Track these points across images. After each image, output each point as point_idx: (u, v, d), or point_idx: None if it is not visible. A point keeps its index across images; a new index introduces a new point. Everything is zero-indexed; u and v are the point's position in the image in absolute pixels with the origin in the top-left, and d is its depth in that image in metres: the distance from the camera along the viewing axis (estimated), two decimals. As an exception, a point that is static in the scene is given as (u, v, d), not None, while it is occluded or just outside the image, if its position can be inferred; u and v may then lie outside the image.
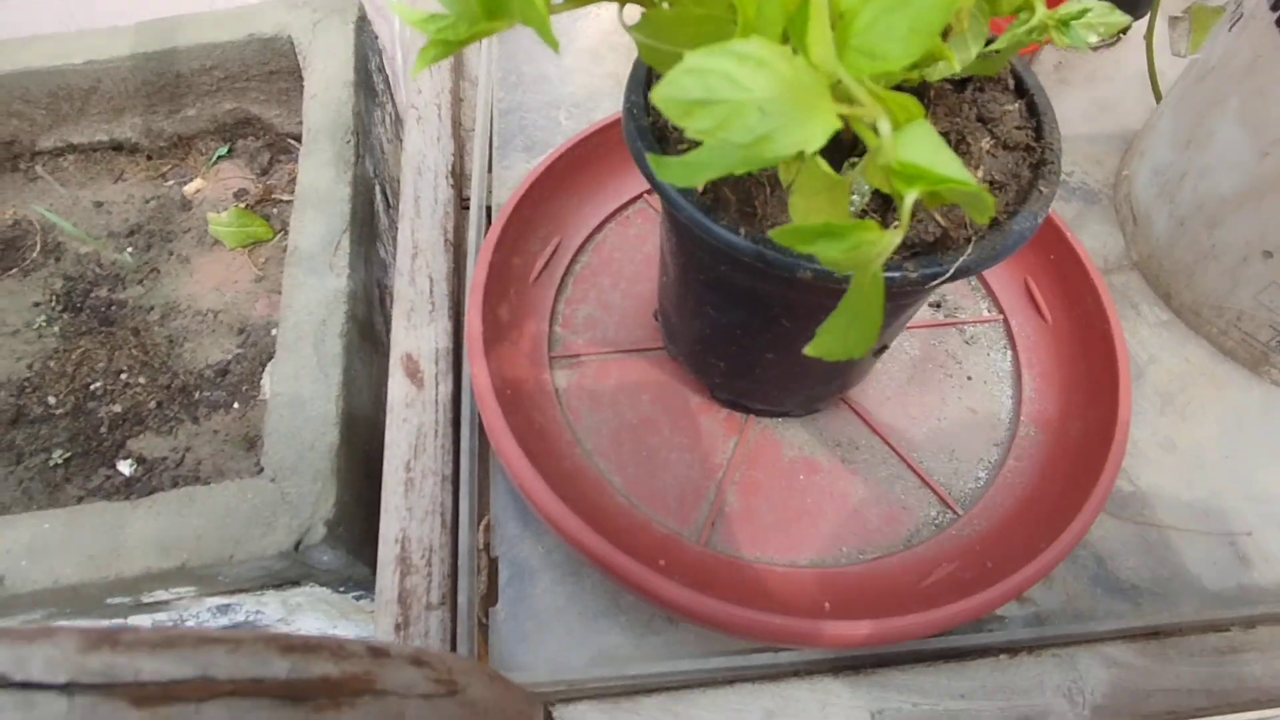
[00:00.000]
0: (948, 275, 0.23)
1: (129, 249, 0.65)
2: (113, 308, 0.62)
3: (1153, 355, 0.42)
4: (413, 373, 0.37)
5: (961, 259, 0.23)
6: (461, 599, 0.32)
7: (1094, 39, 0.22)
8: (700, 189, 0.25)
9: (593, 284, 0.41)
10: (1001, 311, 0.41)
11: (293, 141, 0.71)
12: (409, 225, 0.43)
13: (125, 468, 0.54)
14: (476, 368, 0.34)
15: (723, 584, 0.32)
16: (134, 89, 0.64)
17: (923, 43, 0.14)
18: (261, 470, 0.42)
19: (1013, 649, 0.31)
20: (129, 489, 0.54)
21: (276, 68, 0.66)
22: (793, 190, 0.17)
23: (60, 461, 0.54)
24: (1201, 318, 0.42)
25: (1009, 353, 0.40)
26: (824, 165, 0.16)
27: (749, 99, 0.13)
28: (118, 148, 0.69)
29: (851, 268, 0.16)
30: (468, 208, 0.46)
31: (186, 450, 0.55)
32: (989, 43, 0.24)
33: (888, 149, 0.14)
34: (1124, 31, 0.54)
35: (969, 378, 0.39)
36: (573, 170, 0.42)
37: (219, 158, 0.70)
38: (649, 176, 0.24)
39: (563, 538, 0.30)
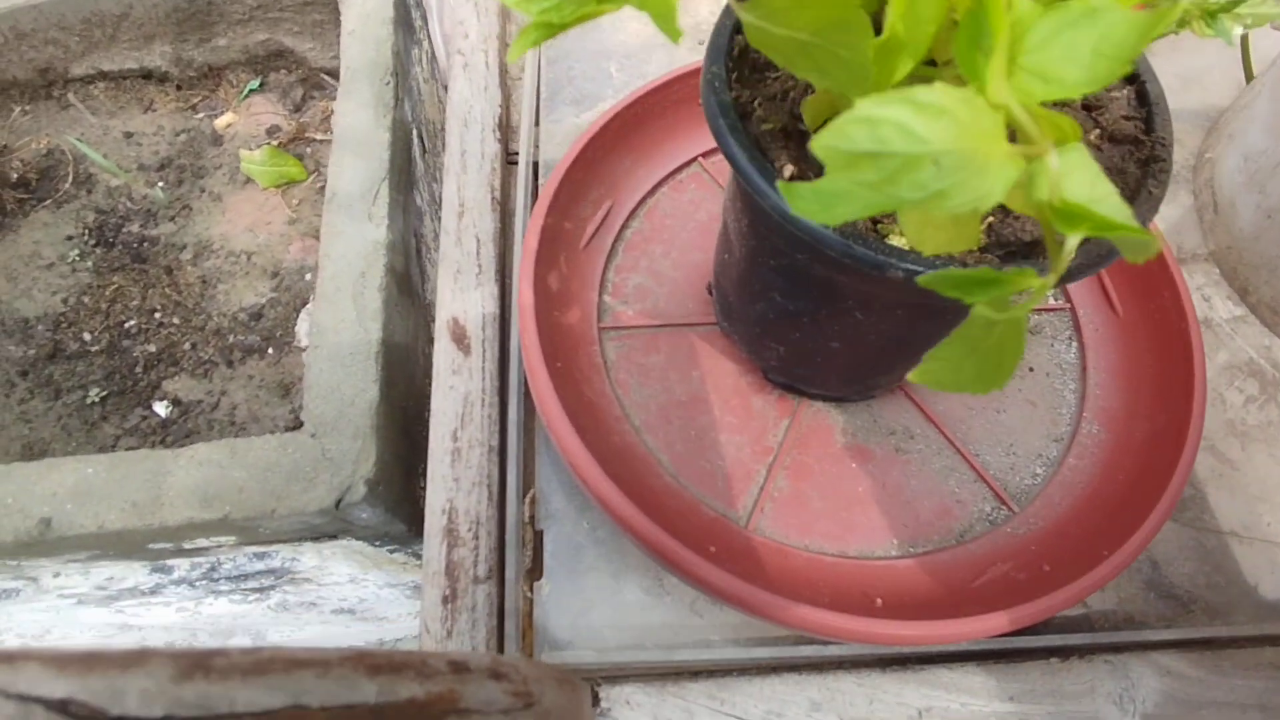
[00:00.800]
0: (1050, 284, 0.22)
1: (160, 184, 0.64)
2: (145, 244, 0.61)
3: (1224, 353, 0.40)
4: (459, 338, 0.36)
5: (1064, 268, 0.22)
6: (509, 573, 0.31)
7: (1240, 31, 0.20)
8: (786, 176, 0.23)
9: (644, 252, 0.40)
10: (1069, 300, 0.39)
11: (326, 77, 0.69)
12: (454, 181, 0.41)
13: (161, 409, 0.54)
14: (528, 339, 0.33)
15: (771, 572, 0.31)
16: (164, 14, 0.61)
17: (1111, 69, 0.12)
18: (301, 425, 0.42)
19: (1064, 652, 0.31)
20: (164, 430, 0.54)
21: (311, -2, 0.63)
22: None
23: (97, 400, 0.54)
24: (1279, 315, 0.40)
25: (1074, 344, 0.38)
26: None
27: (924, 151, 0.11)
28: (147, 76, 0.67)
29: (1007, 315, 0.15)
30: (513, 163, 0.45)
31: (222, 394, 0.55)
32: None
33: (1051, 184, 0.13)
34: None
35: (1030, 369, 0.38)
36: (627, 130, 0.40)
37: (250, 91, 0.68)
38: (738, 166, 0.23)
39: (614, 519, 0.30)
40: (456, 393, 0.35)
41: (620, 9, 0.16)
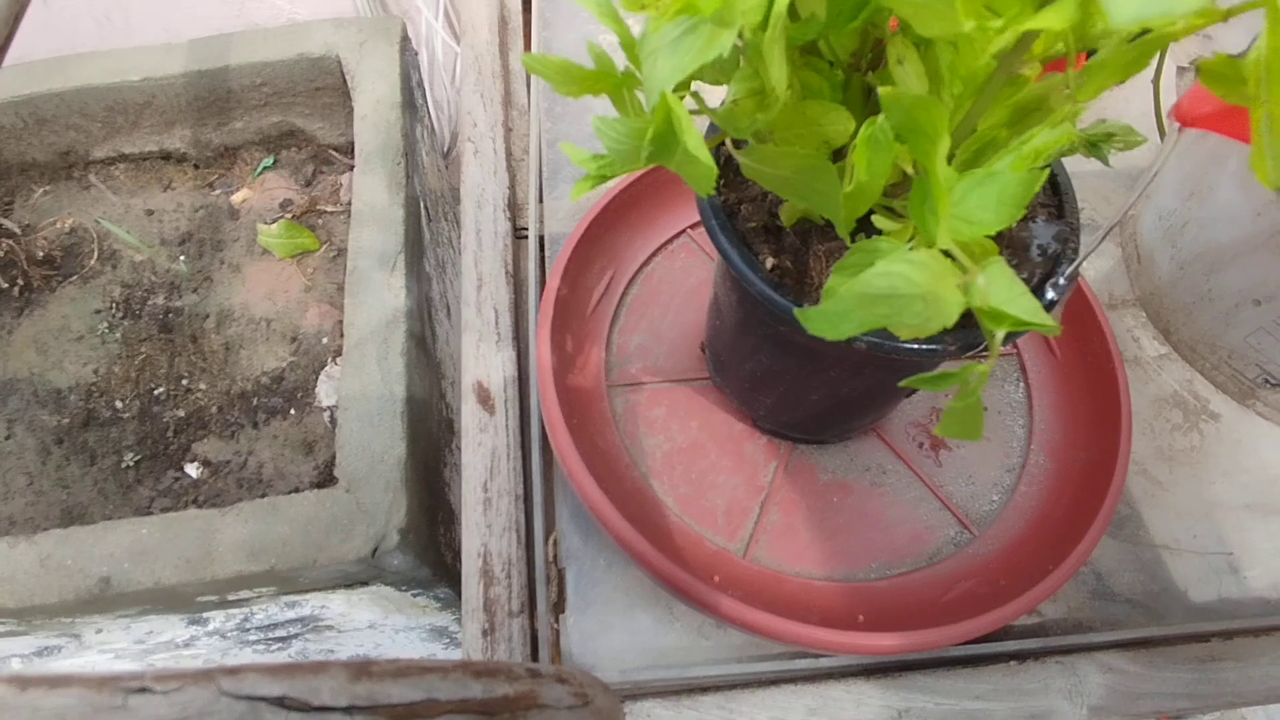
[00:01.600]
0: (982, 349, 0.27)
1: (182, 257, 0.69)
2: (170, 314, 0.66)
3: (1150, 387, 0.46)
4: (484, 399, 0.41)
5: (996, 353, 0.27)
6: (540, 607, 0.36)
7: (1117, 150, 0.26)
8: (768, 266, 0.28)
9: (643, 314, 0.45)
10: (1016, 347, 0.45)
11: (335, 154, 0.74)
12: (472, 256, 0.46)
13: (192, 470, 0.58)
14: (547, 397, 0.38)
15: (768, 595, 0.36)
16: (186, 103, 0.67)
17: (1012, 213, 0.17)
18: (333, 480, 0.46)
19: (1021, 656, 0.36)
20: (196, 490, 0.58)
21: (322, 84, 0.69)
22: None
23: (131, 464, 0.58)
24: (1196, 353, 0.46)
25: (1022, 385, 0.44)
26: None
27: (918, 293, 0.17)
28: (166, 157, 0.72)
29: (964, 402, 0.20)
30: (522, 236, 0.50)
31: (249, 454, 0.59)
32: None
33: (980, 296, 0.18)
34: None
35: (985, 407, 0.43)
36: (625, 208, 0.45)
37: (264, 168, 0.73)
38: (729, 260, 0.28)
39: (629, 554, 0.34)
40: (484, 448, 0.39)
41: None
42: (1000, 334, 0.18)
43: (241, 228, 0.71)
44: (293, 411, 0.61)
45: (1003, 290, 0.18)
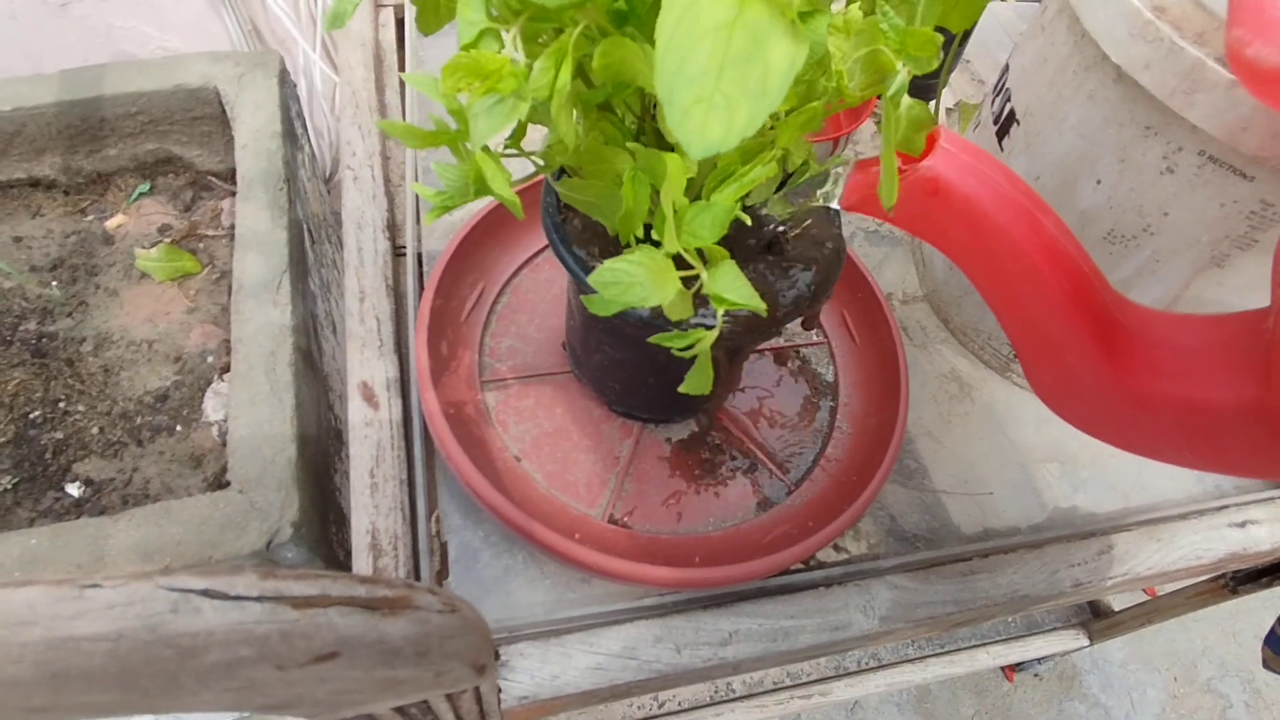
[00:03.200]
0: (744, 334, 0.35)
1: (54, 283, 0.69)
2: (44, 340, 0.66)
3: (935, 365, 0.56)
4: (369, 397, 0.46)
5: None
6: (424, 575, 0.41)
7: (845, 182, 0.35)
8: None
9: (512, 320, 0.51)
10: (826, 337, 0.54)
11: (215, 179, 0.76)
12: (354, 273, 0.51)
13: (73, 490, 0.59)
14: (426, 393, 0.43)
15: (622, 549, 0.43)
16: (57, 131, 0.67)
17: (721, 230, 0.25)
18: (228, 484, 0.49)
19: (828, 583, 0.44)
20: (79, 509, 0.58)
21: (200, 114, 0.71)
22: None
23: (9, 487, 0.58)
24: (967, 336, 0.57)
25: (831, 367, 0.53)
26: (682, 292, 0.27)
27: (636, 281, 0.24)
28: (34, 184, 0.72)
29: (694, 355, 0.27)
30: (401, 254, 0.55)
31: (134, 471, 0.60)
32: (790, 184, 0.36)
33: (707, 285, 0.25)
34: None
35: (805, 386, 0.52)
36: (493, 227, 0.52)
37: (140, 194, 0.75)
38: (574, 275, 0.35)
39: (500, 520, 0.40)
40: (370, 440, 0.44)
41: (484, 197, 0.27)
42: (721, 311, 0.26)
43: (117, 253, 0.71)
44: (179, 428, 0.63)
45: (724, 282, 0.25)
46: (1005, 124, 0.48)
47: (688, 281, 0.28)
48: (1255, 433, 0.24)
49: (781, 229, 0.38)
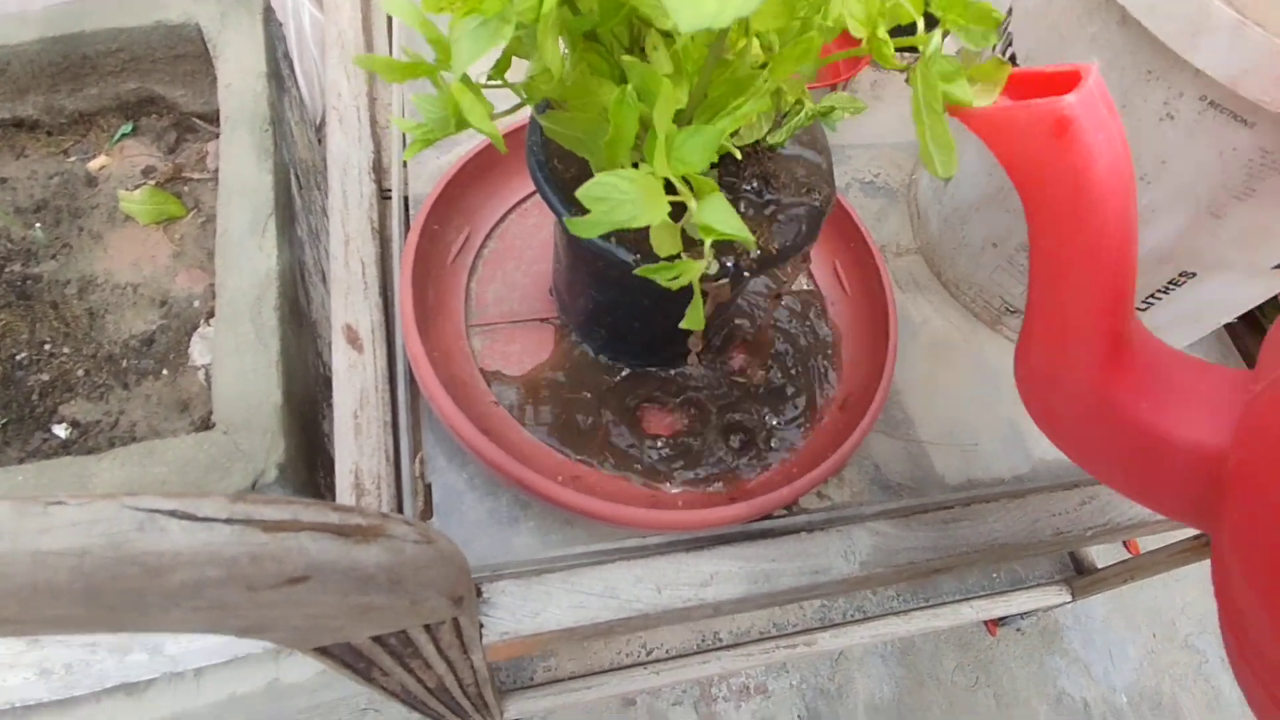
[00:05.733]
0: (733, 274, 0.34)
1: (38, 225, 0.68)
2: (28, 282, 0.65)
3: (926, 318, 0.56)
4: (353, 340, 0.45)
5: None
6: (406, 514, 0.41)
7: (845, 118, 0.34)
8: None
9: (499, 266, 0.51)
10: (817, 286, 0.54)
11: (199, 121, 0.75)
12: (339, 217, 0.50)
13: (60, 431, 0.59)
14: (410, 336, 0.43)
15: (605, 492, 0.43)
16: (39, 70, 0.66)
17: (710, 156, 0.24)
18: (213, 426, 0.49)
19: (810, 529, 0.44)
20: (66, 450, 0.58)
21: (183, 52, 0.69)
22: (651, 232, 0.28)
23: (-4, 427, 0.58)
24: (959, 290, 0.56)
25: (821, 316, 0.53)
26: (668, 222, 0.27)
27: (627, 198, 0.23)
28: (18, 125, 0.70)
29: (680, 285, 0.27)
30: (388, 197, 0.54)
31: (120, 414, 0.60)
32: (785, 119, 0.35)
33: (695, 215, 0.25)
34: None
35: (794, 335, 0.51)
36: (480, 171, 0.51)
37: (123, 135, 0.73)
38: (555, 210, 0.34)
39: (484, 463, 0.40)
40: (354, 384, 0.44)
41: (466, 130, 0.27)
42: (708, 243, 0.26)
43: (100, 195, 0.70)
44: (165, 372, 0.62)
45: (713, 213, 0.25)
46: (1004, 69, 0.47)
47: (674, 215, 0.27)
48: (1196, 482, 0.25)
49: (769, 173, 0.37)
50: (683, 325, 0.29)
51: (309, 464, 0.55)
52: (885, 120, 0.66)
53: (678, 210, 0.27)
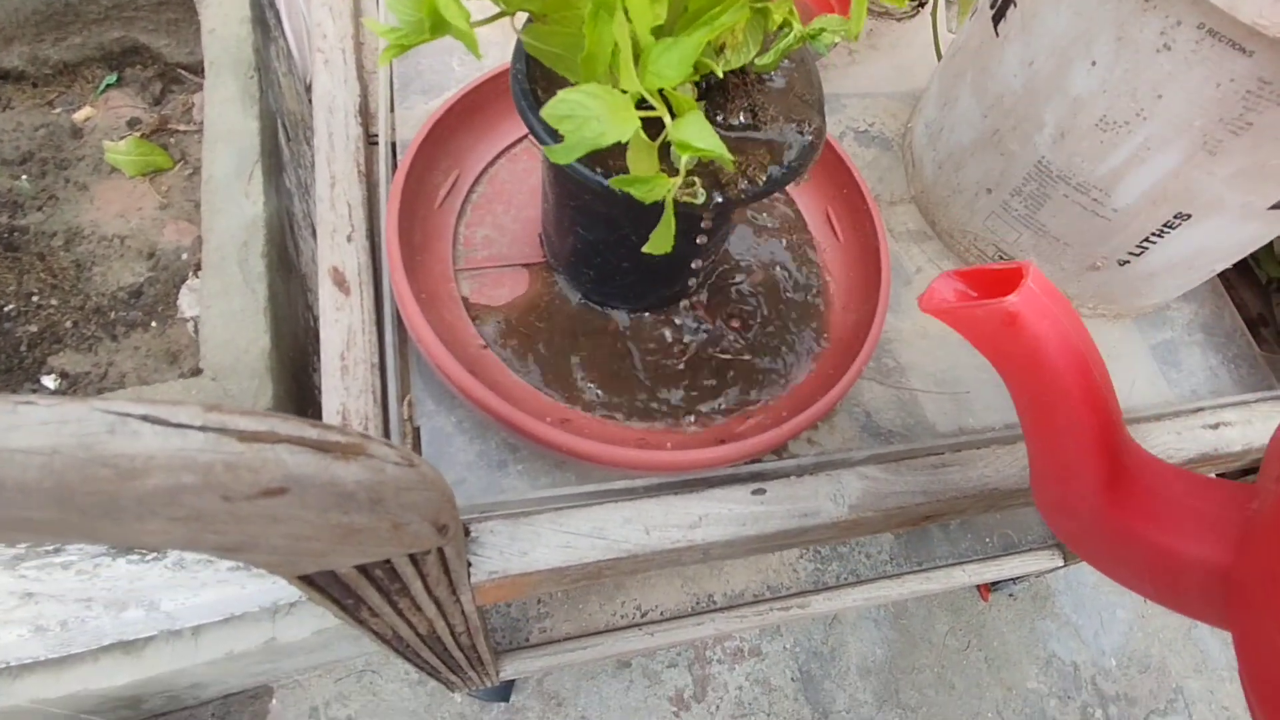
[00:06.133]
0: (718, 204, 0.34)
1: (24, 176, 0.67)
2: (15, 234, 0.64)
3: (920, 267, 0.56)
4: (340, 282, 0.45)
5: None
6: (394, 453, 0.41)
7: (835, 41, 0.33)
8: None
9: (488, 210, 0.50)
10: (809, 232, 0.53)
11: (184, 72, 0.73)
12: (325, 158, 0.49)
13: (50, 382, 0.59)
14: (396, 276, 0.42)
15: (594, 433, 0.43)
16: (24, 17, 0.64)
17: (685, 69, 0.24)
18: (201, 372, 0.49)
19: (800, 473, 0.44)
20: (56, 401, 0.58)
21: (166, -1, 0.68)
22: (629, 151, 0.28)
23: (-16, 377, 0.58)
24: (954, 239, 0.56)
25: (813, 263, 0.52)
26: (644, 139, 0.26)
27: (592, 115, 0.23)
28: (3, 76, 0.69)
29: (653, 199, 0.26)
30: (374, 143, 0.53)
31: (109, 365, 0.60)
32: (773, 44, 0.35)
33: (671, 132, 0.24)
34: (922, 5, 0.67)
35: (785, 280, 0.51)
36: (468, 113, 0.50)
37: (107, 86, 0.72)
38: (538, 138, 0.33)
39: (472, 404, 0.40)
40: (341, 325, 0.43)
41: (443, 37, 0.26)
42: (685, 160, 0.25)
43: (86, 146, 0.69)
44: (154, 324, 0.62)
45: (689, 130, 0.24)
46: (1002, 7, 0.46)
47: (652, 134, 0.27)
48: (1213, 591, 0.27)
49: (757, 104, 0.37)
50: (647, 249, 0.29)
51: (298, 410, 0.54)
52: (880, 69, 0.65)
53: (656, 129, 0.27)
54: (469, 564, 0.38)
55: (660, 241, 0.28)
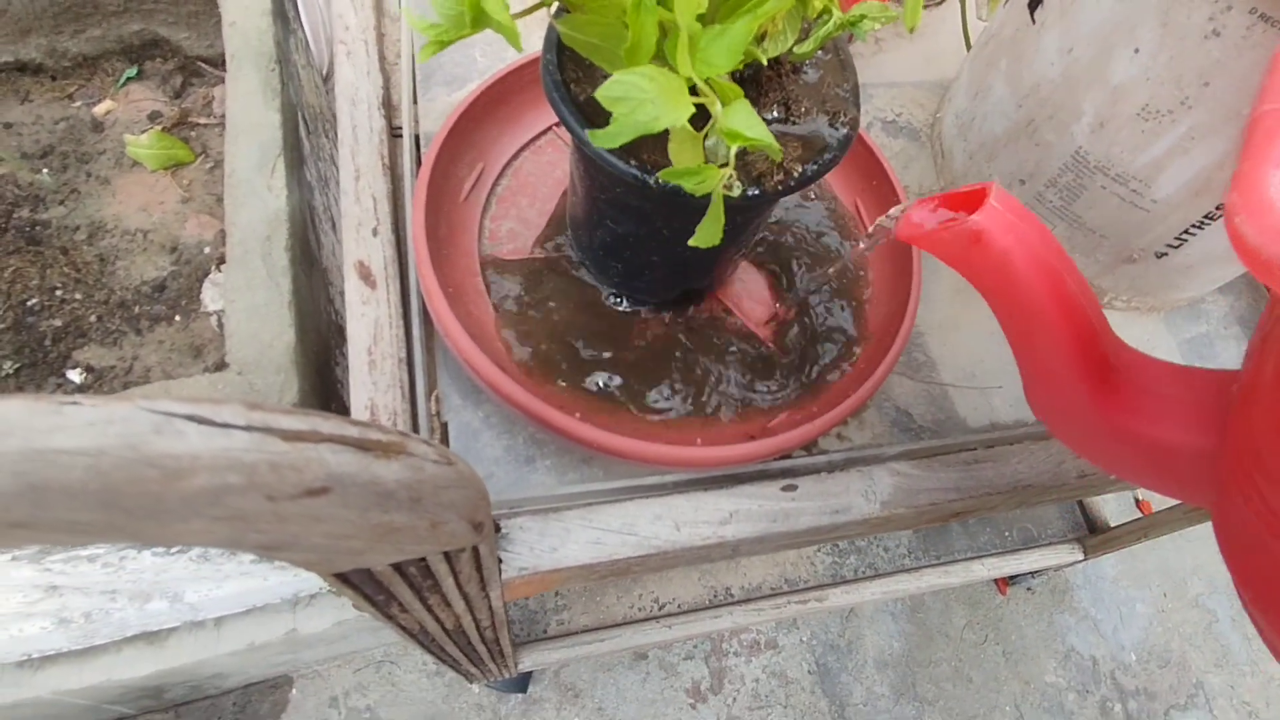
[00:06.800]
0: (754, 197, 0.33)
1: (45, 170, 0.67)
2: (37, 227, 0.64)
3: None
4: (366, 276, 0.44)
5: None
6: (422, 449, 0.41)
7: (875, 28, 0.32)
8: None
9: (513, 203, 0.49)
10: (837, 224, 0.52)
11: (205, 65, 0.73)
12: (349, 151, 0.49)
13: (75, 376, 0.59)
14: (424, 270, 0.42)
15: (623, 428, 0.42)
16: (41, 9, 0.64)
17: (736, 57, 0.23)
18: (227, 366, 0.49)
19: (830, 469, 0.44)
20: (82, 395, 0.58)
21: (186, -9, 0.67)
22: (671, 141, 0.27)
23: (11, 372, 0.58)
24: (984, 231, 0.55)
25: (841, 255, 0.51)
26: (689, 129, 0.26)
27: (647, 98, 0.22)
28: (22, 68, 0.69)
29: (704, 191, 0.26)
30: (398, 136, 0.53)
31: (134, 359, 0.60)
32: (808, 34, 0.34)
33: (720, 121, 0.24)
34: (949, -6, 0.65)
35: (813, 274, 0.50)
36: (492, 105, 0.49)
37: (128, 79, 0.72)
38: (570, 127, 0.33)
39: (500, 398, 0.40)
40: (368, 319, 0.43)
41: (482, 31, 0.25)
42: (734, 149, 0.24)
43: (107, 140, 0.69)
44: (178, 318, 0.62)
45: (738, 118, 0.24)
46: (1039, -7, 0.45)
47: (695, 125, 0.26)
48: (1204, 474, 0.29)
49: (792, 97, 0.36)
50: (694, 243, 0.28)
51: (323, 405, 0.54)
52: (908, 59, 0.64)
53: (698, 120, 0.26)
54: (500, 560, 0.38)
55: (708, 234, 0.28)
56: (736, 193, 0.32)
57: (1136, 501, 1.23)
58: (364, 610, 0.36)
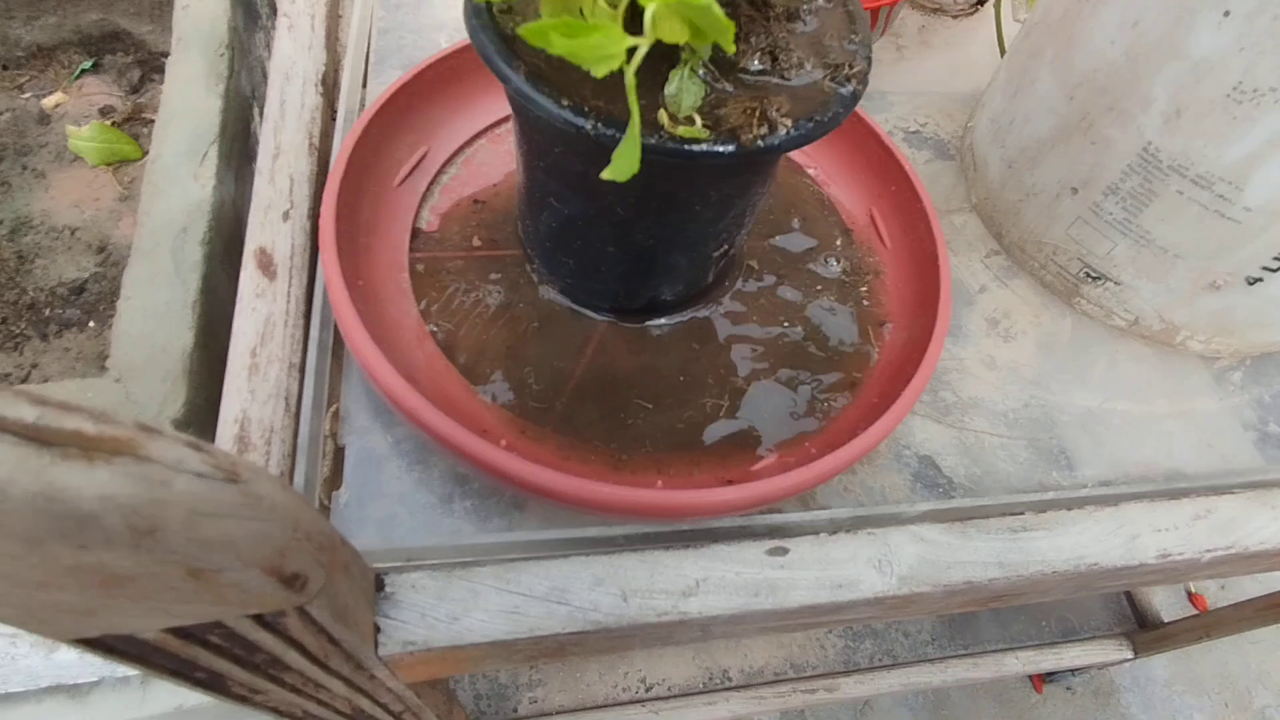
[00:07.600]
0: (740, 150, 0.25)
1: (-24, 161, 0.61)
2: (-46, 221, 0.58)
3: (983, 285, 0.46)
4: (265, 265, 0.36)
5: (745, 142, 0.25)
6: (298, 479, 0.32)
7: None
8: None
9: (461, 194, 0.42)
10: (846, 237, 0.44)
11: (166, 60, 0.68)
12: (272, 128, 0.42)
13: (-39, 384, 0.51)
14: (326, 257, 0.34)
15: (558, 463, 0.33)
16: (-14, -11, 0.60)
17: None
18: (106, 371, 0.41)
19: (833, 529, 0.34)
20: (-35, 407, 0.50)
21: (148, -21, 0.63)
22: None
23: (-116, 374, 0.50)
24: (1025, 253, 0.46)
25: (851, 273, 0.42)
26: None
27: None
28: (-33, 54, 0.64)
29: (608, 64, 0.17)
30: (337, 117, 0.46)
31: (32, 367, 0.52)
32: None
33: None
34: (981, 3, 0.58)
35: (816, 293, 0.41)
36: (443, 82, 0.42)
37: (83, 71, 0.66)
38: (488, 57, 0.25)
39: (403, 415, 0.31)
40: (259, 314, 0.35)
41: None
42: (650, 9, 0.16)
43: (51, 133, 0.63)
44: (91, 324, 0.54)
45: None
46: (1098, -42, 0.37)
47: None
48: None
49: (778, 45, 0.28)
50: (606, 173, 0.19)
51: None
52: (932, 67, 0.56)
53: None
54: (378, 630, 0.29)
55: (624, 162, 0.19)
56: (705, 136, 0.24)
57: (1189, 594, 1.10)
58: (198, 691, 0.27)
